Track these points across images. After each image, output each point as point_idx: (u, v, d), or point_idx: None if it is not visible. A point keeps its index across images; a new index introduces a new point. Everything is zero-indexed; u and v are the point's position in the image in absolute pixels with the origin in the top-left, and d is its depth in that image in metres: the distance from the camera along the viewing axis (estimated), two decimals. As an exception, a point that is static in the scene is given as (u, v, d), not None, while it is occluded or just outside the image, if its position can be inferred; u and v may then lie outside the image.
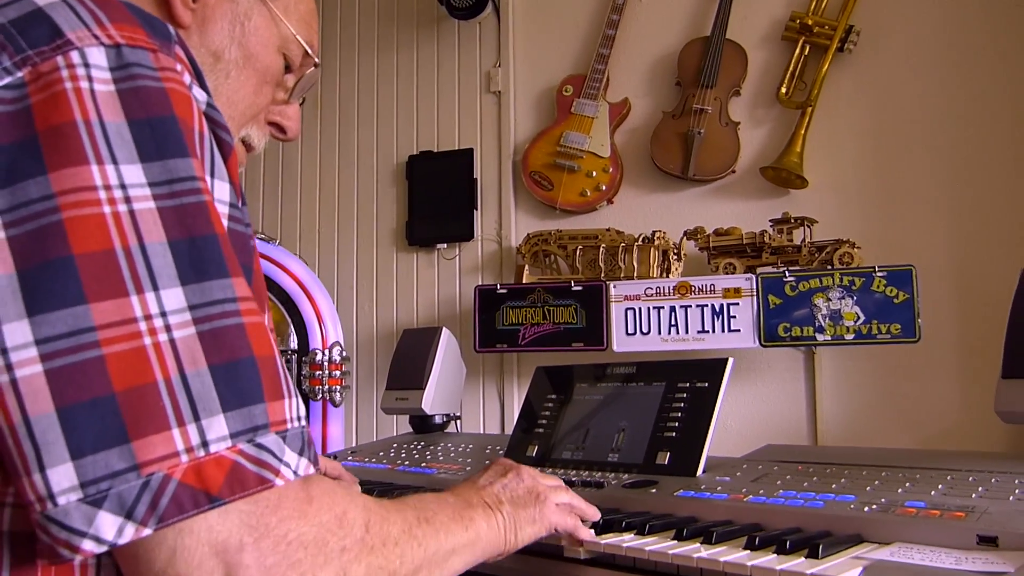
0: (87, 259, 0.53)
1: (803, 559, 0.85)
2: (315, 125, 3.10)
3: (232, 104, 0.85)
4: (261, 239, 2.78)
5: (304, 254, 2.99)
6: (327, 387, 2.58)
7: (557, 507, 0.97)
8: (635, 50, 2.67)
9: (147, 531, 0.52)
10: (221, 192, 0.62)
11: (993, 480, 1.03)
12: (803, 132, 2.38)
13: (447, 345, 1.99)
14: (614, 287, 2.30)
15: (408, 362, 1.99)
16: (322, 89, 3.11)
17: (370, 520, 0.65)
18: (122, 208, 0.54)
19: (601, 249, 2.40)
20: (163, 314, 0.54)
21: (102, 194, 0.54)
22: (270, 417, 0.57)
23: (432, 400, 1.92)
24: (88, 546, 0.51)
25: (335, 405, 2.59)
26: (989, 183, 2.24)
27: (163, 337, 0.54)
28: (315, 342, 2.63)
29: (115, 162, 0.55)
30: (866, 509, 0.97)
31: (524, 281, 2.47)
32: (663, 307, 2.25)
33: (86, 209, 0.53)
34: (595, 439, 1.42)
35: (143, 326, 0.53)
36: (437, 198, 2.83)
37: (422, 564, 0.71)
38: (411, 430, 2.03)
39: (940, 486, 1.03)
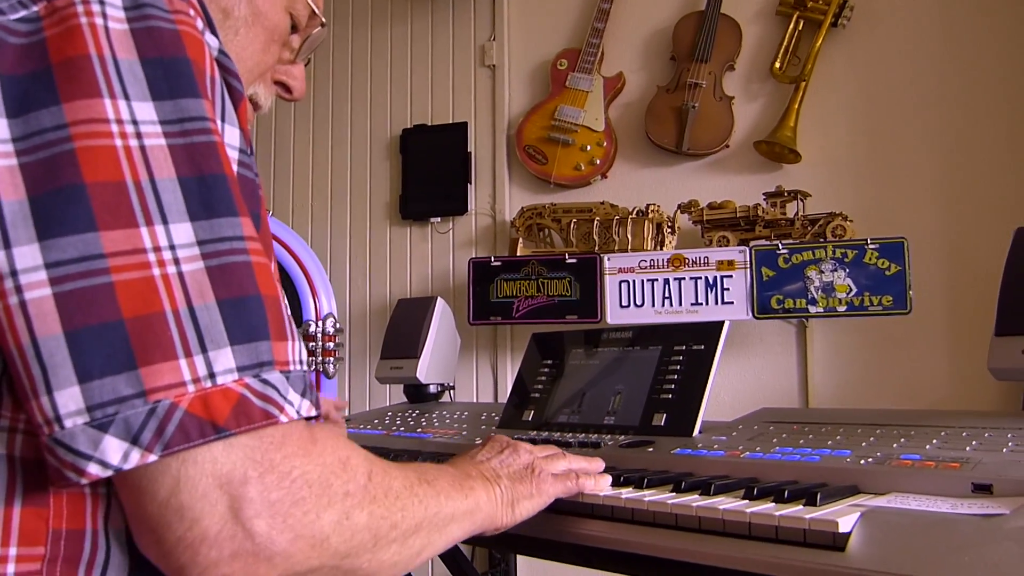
0: (98, 188, 0.53)
1: (801, 507, 0.86)
2: (309, 98, 3.08)
3: (240, 61, 0.85)
4: (254, 210, 2.77)
5: (297, 228, 2.98)
6: (320, 359, 2.59)
7: (555, 478, 0.96)
8: (630, 24, 2.66)
9: (152, 457, 0.52)
10: (231, 137, 0.62)
11: (986, 435, 1.04)
12: (797, 106, 2.39)
13: (442, 314, 1.99)
14: (608, 260, 2.31)
15: (403, 331, 1.99)
16: (316, 62, 3.09)
17: (372, 470, 0.65)
18: (133, 143, 0.55)
19: (595, 222, 2.40)
20: (172, 247, 0.55)
21: (114, 127, 0.55)
22: (275, 356, 0.58)
23: (427, 369, 1.93)
24: (94, 470, 0.52)
25: (328, 377, 2.59)
26: (980, 157, 2.25)
27: (172, 269, 0.54)
28: (308, 314, 2.63)
29: (127, 98, 0.55)
30: (862, 462, 0.98)
31: (519, 254, 2.47)
32: (657, 279, 2.25)
33: (98, 140, 0.54)
34: (591, 403, 1.42)
35: (152, 257, 0.54)
36: (431, 172, 2.82)
37: (422, 522, 0.70)
38: (405, 401, 2.03)
39: (935, 440, 1.04)
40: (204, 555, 0.54)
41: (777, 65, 2.43)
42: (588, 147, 2.59)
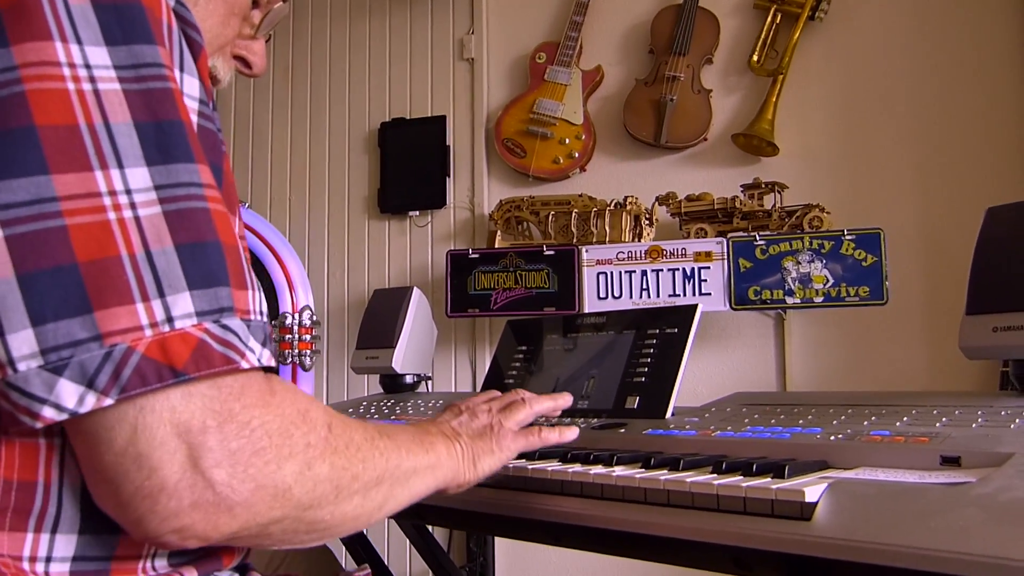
0: (50, 131, 0.52)
1: (769, 479, 0.85)
2: (286, 91, 3.06)
3: None
4: (230, 202, 2.74)
5: (275, 221, 2.96)
6: (297, 351, 2.56)
7: (515, 434, 0.96)
8: (608, 18, 2.66)
9: (108, 401, 0.51)
10: (190, 88, 0.61)
11: (957, 412, 1.04)
12: (774, 99, 2.39)
13: (418, 305, 1.98)
14: (586, 251, 2.30)
15: (379, 321, 1.97)
16: (293, 55, 3.07)
17: (332, 422, 0.64)
18: (87, 87, 0.54)
19: (574, 214, 2.39)
20: (128, 191, 0.54)
21: (66, 71, 0.53)
22: (235, 302, 0.57)
23: (403, 359, 1.91)
24: (49, 413, 0.51)
25: (305, 369, 2.57)
26: (955, 148, 2.26)
27: (128, 214, 0.54)
28: (285, 306, 2.60)
29: (80, 42, 0.54)
30: (832, 438, 0.98)
31: (497, 246, 2.46)
32: (635, 271, 2.25)
33: (49, 83, 0.53)
34: (565, 387, 1.41)
35: (107, 201, 0.53)
36: (409, 165, 2.81)
37: (384, 475, 0.69)
38: (382, 392, 2.01)
39: (905, 418, 1.04)
40: (163, 505, 0.53)
41: (755, 58, 2.44)
42: (567, 140, 2.59)
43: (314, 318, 2.65)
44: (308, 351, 2.59)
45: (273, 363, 0.60)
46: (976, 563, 0.63)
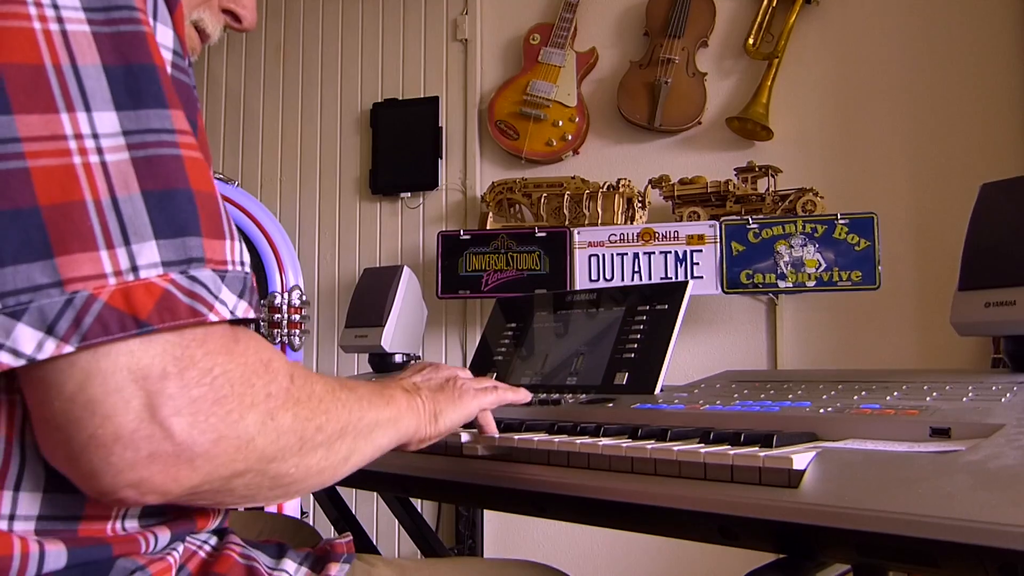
0: (13, 70, 0.50)
1: (757, 448, 0.84)
2: (278, 71, 3.03)
3: None
4: (219, 179, 2.71)
5: (266, 202, 2.93)
6: (286, 331, 2.55)
7: (476, 391, 0.95)
8: (603, -1, 2.64)
9: (68, 348, 0.49)
10: (164, 37, 0.59)
11: (947, 387, 1.03)
12: (769, 83, 2.38)
13: (408, 284, 1.96)
14: (578, 233, 2.29)
15: (368, 300, 1.95)
16: (286, 35, 3.04)
17: (295, 373, 0.62)
18: (54, 27, 0.52)
19: (566, 197, 2.38)
20: (95, 136, 0.52)
21: (32, 10, 0.52)
22: (207, 253, 0.55)
23: (392, 338, 1.89)
24: (5, 359, 0.49)
25: (294, 349, 2.55)
26: (950, 134, 2.26)
27: (94, 159, 0.52)
28: (274, 285, 2.58)
29: None
30: (821, 411, 0.97)
31: (489, 228, 2.45)
32: (627, 253, 2.24)
33: (14, 22, 0.51)
34: (554, 364, 1.40)
35: (73, 144, 0.51)
36: (401, 146, 2.79)
37: (347, 427, 0.67)
38: (370, 371, 2.00)
39: (896, 393, 1.03)
40: (118, 455, 0.51)
41: (750, 42, 2.42)
42: (560, 123, 2.57)
43: (303, 298, 2.63)
44: (297, 331, 2.57)
45: (252, 315, 0.58)
46: (963, 528, 0.63)
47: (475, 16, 2.77)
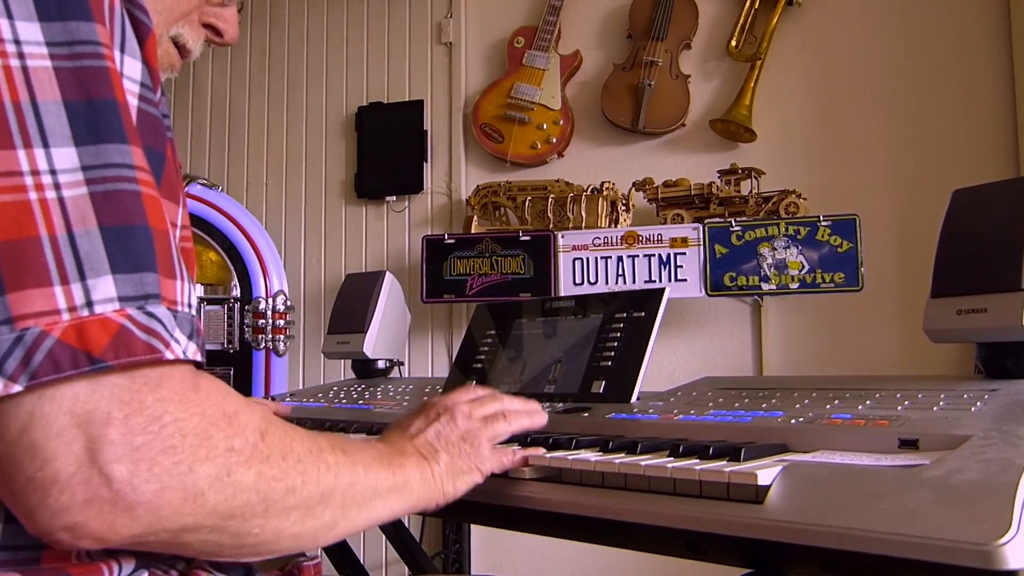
0: None
1: (725, 462, 0.84)
2: (263, 75, 3.02)
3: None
4: (203, 185, 2.71)
5: (251, 206, 2.92)
6: (270, 336, 2.54)
7: (494, 451, 0.92)
8: (587, 2, 2.64)
9: (16, 388, 0.49)
10: (131, 70, 0.59)
11: (920, 395, 1.03)
12: (752, 85, 2.38)
13: (390, 289, 1.96)
14: (562, 237, 2.29)
15: (350, 306, 1.95)
16: (271, 39, 3.03)
17: (268, 430, 0.60)
18: (14, 63, 0.52)
19: (550, 200, 2.38)
20: (52, 172, 0.52)
21: None
22: (163, 291, 0.54)
23: (374, 344, 1.89)
24: None
25: (278, 355, 2.55)
26: (932, 136, 2.26)
27: (51, 194, 0.51)
28: (258, 291, 2.58)
29: (10, 17, 0.52)
30: (792, 421, 0.97)
31: (473, 232, 2.44)
32: (611, 257, 2.24)
33: None
34: (532, 372, 1.40)
35: (29, 180, 0.51)
36: (386, 150, 2.78)
37: (332, 492, 0.65)
38: (354, 377, 2.00)
39: (868, 402, 1.03)
40: (55, 499, 0.50)
41: (733, 43, 2.42)
42: (544, 125, 2.57)
43: (288, 303, 2.63)
44: (282, 336, 2.56)
45: (199, 358, 0.57)
46: (922, 545, 0.63)
47: (459, 19, 2.77)
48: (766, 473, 0.76)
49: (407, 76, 2.82)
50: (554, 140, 2.56)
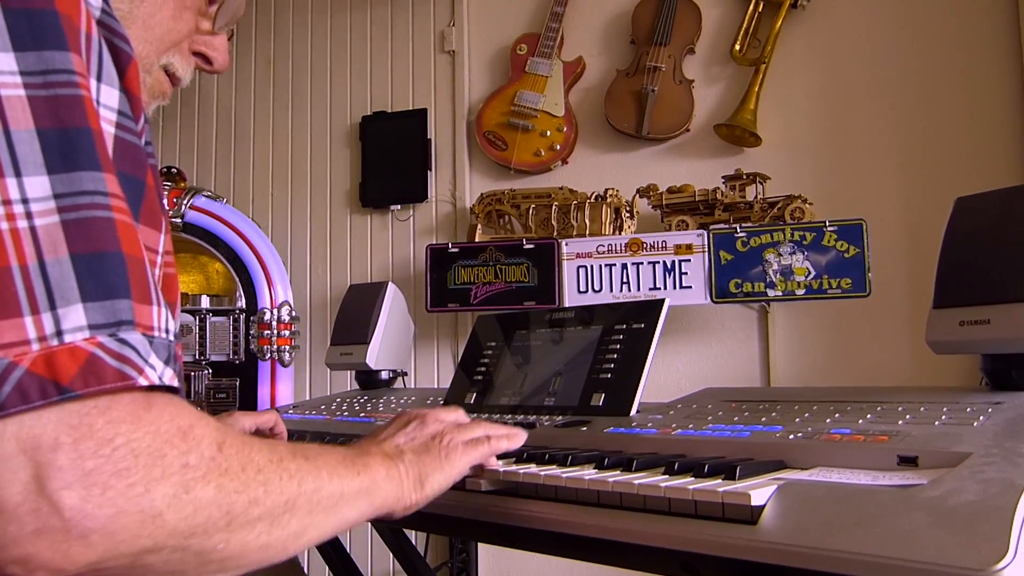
0: None
1: (720, 480, 0.83)
2: (268, 86, 3.03)
3: (148, 28, 0.81)
4: (208, 197, 2.71)
5: (257, 217, 2.93)
6: (276, 347, 2.54)
7: (465, 446, 0.90)
8: (589, 8, 2.63)
9: None
10: (109, 98, 0.59)
11: (922, 408, 1.01)
12: (757, 89, 2.36)
13: (393, 300, 1.95)
14: (566, 245, 2.28)
15: (353, 317, 1.95)
16: (274, 49, 3.04)
17: (225, 441, 0.59)
18: None
19: (554, 207, 2.37)
20: (24, 201, 0.51)
21: None
22: (136, 316, 0.54)
23: (377, 355, 1.89)
24: None
25: (284, 365, 2.55)
26: (939, 139, 2.23)
27: (22, 224, 0.51)
28: (263, 302, 2.58)
29: None
30: (791, 437, 0.96)
31: (478, 240, 2.43)
32: (615, 264, 2.22)
33: None
34: (532, 384, 1.39)
35: (0, 210, 0.50)
36: (391, 159, 2.78)
37: (296, 500, 0.63)
38: (357, 388, 1.99)
39: (869, 415, 1.01)
40: (2, 530, 0.49)
41: (737, 47, 2.40)
42: (548, 132, 2.56)
43: (293, 314, 2.63)
44: (287, 347, 2.56)
45: (176, 384, 0.56)
46: (917, 570, 0.61)
47: (462, 27, 2.76)
48: (760, 493, 0.75)
49: (411, 85, 2.82)
50: (558, 147, 2.55)
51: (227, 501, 0.57)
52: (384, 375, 1.94)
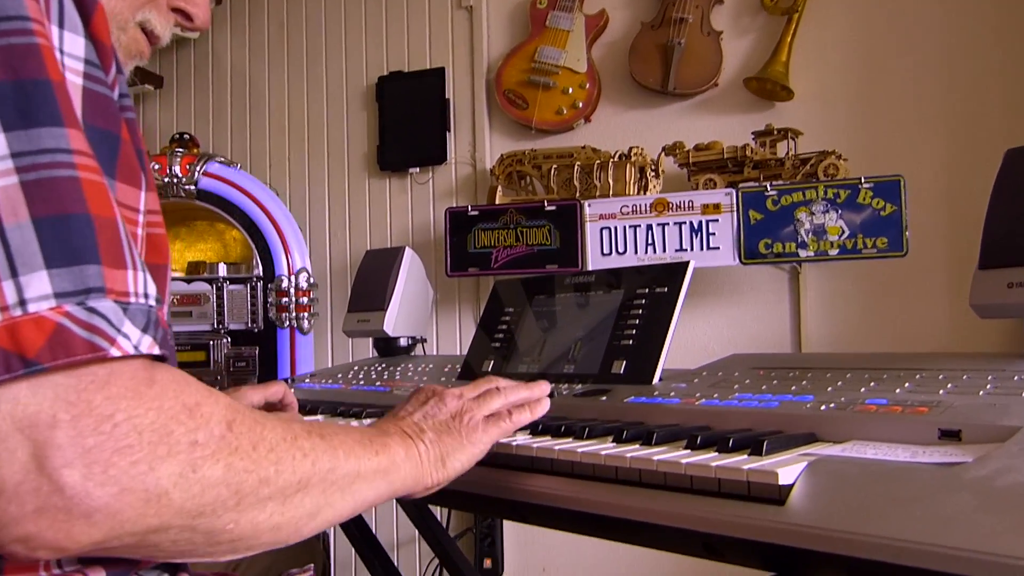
0: None
1: (745, 456, 0.77)
2: (282, 48, 2.97)
3: None
4: (221, 163, 2.67)
5: (275, 182, 2.89)
6: (294, 314, 2.51)
7: (486, 423, 0.87)
8: (613, -42, 2.52)
9: None
10: (73, 46, 0.55)
11: (964, 377, 0.95)
12: (789, 40, 2.26)
13: (411, 265, 1.90)
14: (588, 206, 2.21)
15: (370, 283, 1.91)
16: (288, 10, 2.97)
17: (235, 420, 0.56)
18: None
19: (576, 167, 2.29)
20: None
21: None
22: (107, 283, 0.50)
23: (395, 322, 1.85)
24: None
25: (303, 332, 2.52)
26: (983, 91, 2.12)
27: None
28: (281, 269, 2.55)
29: None
30: (822, 408, 0.90)
31: (498, 203, 2.37)
32: (639, 225, 2.15)
33: None
34: (551, 351, 1.34)
35: None
36: (408, 120, 2.71)
37: (309, 479, 0.61)
38: (375, 355, 1.95)
39: (907, 384, 0.95)
40: (2, 510, 0.47)
41: (768, -4, 2.29)
42: (570, 90, 2.47)
43: (311, 280, 2.59)
44: (306, 314, 2.54)
45: (157, 351, 0.53)
46: (959, 558, 0.56)
47: (480, -19, 2.67)
48: (788, 471, 0.69)
49: (428, 43, 2.74)
50: (580, 104, 2.47)
51: (236, 480, 0.55)
52: (403, 342, 1.90)
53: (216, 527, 0.54)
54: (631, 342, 1.23)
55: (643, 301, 1.26)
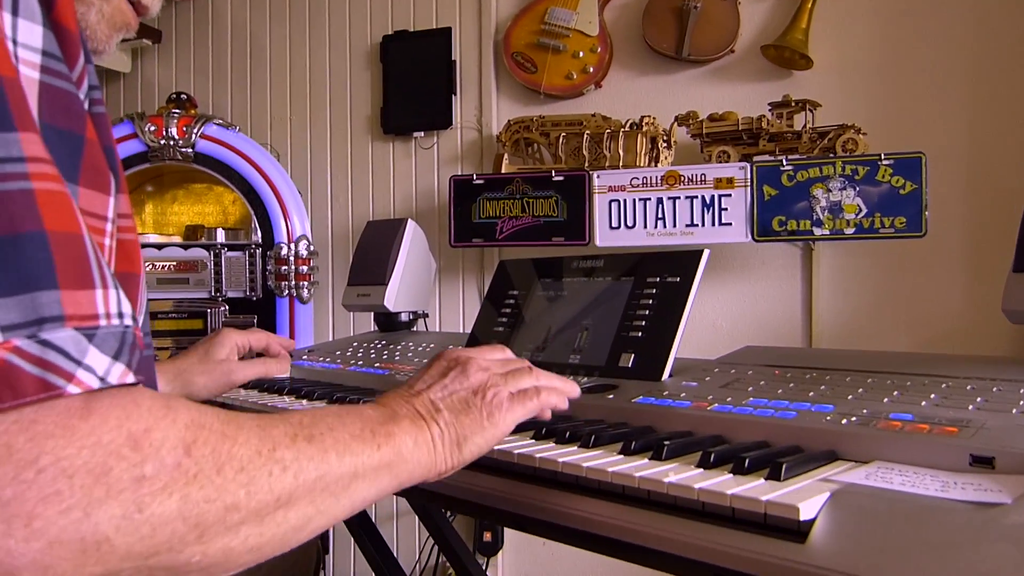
0: None
1: (762, 480, 0.72)
2: (284, 7, 2.87)
3: None
4: (219, 125, 2.59)
5: (276, 143, 2.81)
6: (294, 283, 2.46)
7: (511, 400, 0.79)
8: (628, -85, 2.41)
9: None
10: (28, 36, 0.49)
11: (995, 389, 0.89)
12: (809, 6, 2.17)
13: (413, 238, 1.85)
14: (597, 177, 2.14)
15: (370, 256, 1.85)
16: (290, -34, 2.86)
17: (196, 440, 0.50)
18: None
19: (585, 136, 2.22)
20: None
21: None
22: (66, 308, 0.45)
23: (395, 296, 1.79)
24: None
25: (303, 302, 2.47)
26: (1007, 68, 2.03)
27: None
28: (280, 236, 2.49)
29: None
30: (844, 422, 0.84)
31: (504, 171, 2.30)
32: (649, 198, 2.08)
33: None
34: (557, 339, 1.29)
35: None
36: (413, 82, 2.62)
37: (295, 493, 0.55)
38: (376, 330, 1.91)
39: (933, 395, 0.90)
40: None
41: (789, -41, 2.19)
42: (581, 53, 2.38)
43: (311, 248, 2.53)
44: (306, 283, 2.48)
45: (130, 379, 0.47)
46: (1004, 626, 0.51)
47: (489, -63, 2.56)
48: (810, 505, 0.64)
49: (434, 1, 2.64)
50: (591, 69, 2.38)
51: (196, 512, 0.49)
52: (404, 317, 1.85)
53: (178, 562, 0.49)
54: (640, 334, 1.18)
55: (654, 291, 1.20)
